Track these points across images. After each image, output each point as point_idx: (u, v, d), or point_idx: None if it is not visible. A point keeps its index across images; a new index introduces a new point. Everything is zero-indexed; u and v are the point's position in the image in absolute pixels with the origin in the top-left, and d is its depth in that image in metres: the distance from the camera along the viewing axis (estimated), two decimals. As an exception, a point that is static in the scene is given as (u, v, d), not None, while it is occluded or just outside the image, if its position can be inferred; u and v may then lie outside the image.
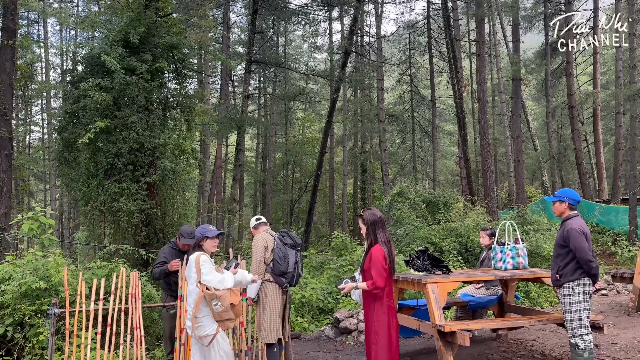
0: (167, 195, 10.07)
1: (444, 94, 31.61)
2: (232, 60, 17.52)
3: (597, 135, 22.81)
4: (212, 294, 4.13)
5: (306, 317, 8.09)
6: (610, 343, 6.22)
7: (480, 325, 5.48)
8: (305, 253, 12.23)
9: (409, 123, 26.87)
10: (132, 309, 5.01)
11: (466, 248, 11.19)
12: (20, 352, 5.80)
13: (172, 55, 10.34)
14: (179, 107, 10.71)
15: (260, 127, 28.35)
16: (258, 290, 5.09)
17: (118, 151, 9.08)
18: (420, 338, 6.93)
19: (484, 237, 6.60)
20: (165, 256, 5.69)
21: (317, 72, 22.23)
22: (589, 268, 4.56)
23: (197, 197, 22.93)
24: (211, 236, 4.39)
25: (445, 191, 16.80)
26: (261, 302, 5.04)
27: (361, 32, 23.81)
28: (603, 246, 15.31)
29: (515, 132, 17.97)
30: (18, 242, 10.39)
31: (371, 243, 4.44)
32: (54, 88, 16.35)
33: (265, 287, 5.02)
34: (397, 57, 29.14)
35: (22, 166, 21.77)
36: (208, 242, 4.40)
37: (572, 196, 4.84)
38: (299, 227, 24.08)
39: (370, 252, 4.40)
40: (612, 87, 24.35)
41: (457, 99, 18.54)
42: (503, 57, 29.25)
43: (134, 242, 9.23)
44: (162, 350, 6.33)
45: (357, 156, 27.16)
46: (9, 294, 5.89)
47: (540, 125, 32.48)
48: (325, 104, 28.57)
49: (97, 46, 9.86)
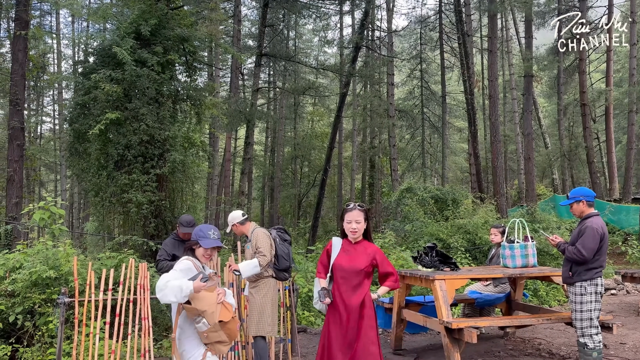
0: (177, 188, 10.12)
1: (454, 89, 31.41)
2: (243, 53, 17.51)
3: (609, 134, 22.56)
4: (192, 308, 3.16)
5: (313, 311, 8.11)
6: (619, 343, 6.17)
7: (488, 323, 5.45)
8: (312, 247, 12.25)
9: (419, 119, 26.74)
10: (141, 299, 5.03)
11: (474, 245, 11.14)
12: (30, 340, 5.87)
13: (183, 48, 10.36)
14: (189, 99, 10.74)
15: (270, 121, 28.34)
16: (257, 283, 4.98)
17: (128, 143, 9.13)
18: (427, 334, 6.92)
19: (496, 235, 6.55)
20: (168, 249, 5.68)
21: (327, 66, 22.17)
22: (580, 259, 4.53)
23: (205, 190, 23.02)
24: (204, 246, 3.40)
25: (454, 188, 16.73)
26: (263, 297, 4.95)
27: (372, 27, 23.71)
28: (613, 246, 15.16)
29: (526, 129, 17.84)
30: (29, 231, 10.50)
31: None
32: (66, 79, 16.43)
33: (267, 282, 4.99)
34: (407, 52, 28.98)
35: (34, 156, 21.99)
36: (200, 250, 3.43)
37: (586, 193, 4.79)
38: (306, 222, 24.10)
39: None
40: (625, 85, 24.01)
41: (468, 95, 18.40)
42: (515, 53, 29.01)
43: (143, 233, 9.29)
44: (169, 341, 6.37)
45: (366, 151, 27.10)
46: (20, 282, 5.95)
47: (552, 123, 32.20)
48: (334, 99, 28.49)
49: (108, 38, 9.90)
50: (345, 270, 3.77)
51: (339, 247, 3.88)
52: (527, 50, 18.99)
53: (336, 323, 3.75)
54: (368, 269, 3.79)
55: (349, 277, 3.76)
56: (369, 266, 3.79)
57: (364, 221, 3.80)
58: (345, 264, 3.78)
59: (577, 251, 4.55)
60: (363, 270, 3.76)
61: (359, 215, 3.78)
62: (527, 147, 17.66)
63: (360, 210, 3.80)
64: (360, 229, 3.79)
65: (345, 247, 3.86)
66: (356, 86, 27.11)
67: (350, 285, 3.77)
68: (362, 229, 3.81)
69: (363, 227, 3.81)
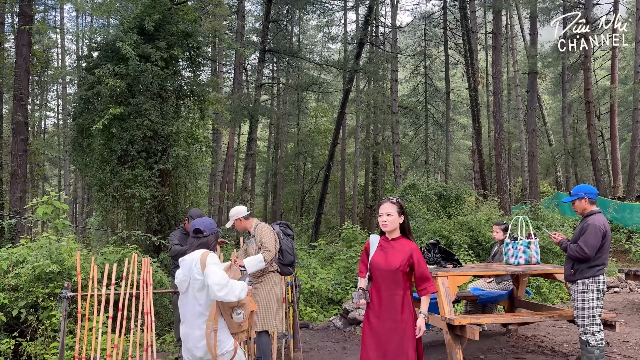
0: (180, 183, 10.13)
1: (458, 86, 31.32)
2: (246, 49, 17.50)
3: (613, 131, 22.46)
4: (235, 302, 3.36)
5: (315, 307, 8.12)
6: (621, 341, 6.16)
7: (490, 320, 5.45)
8: (315, 243, 12.27)
9: (422, 115, 26.68)
10: (143, 294, 5.05)
11: (477, 242, 11.12)
12: (33, 333, 5.90)
13: (187, 43, 10.35)
14: (193, 95, 10.74)
15: (273, 117, 28.35)
16: (262, 278, 4.99)
17: (132, 138, 9.14)
18: (428, 331, 6.92)
19: (498, 232, 6.54)
20: (178, 239, 5.74)
21: (331, 62, 22.10)
22: (582, 257, 4.52)
23: (209, 185, 23.06)
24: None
25: (458, 185, 16.69)
26: (269, 292, 4.95)
27: (376, 22, 23.63)
28: (617, 243, 15.14)
29: (530, 127, 17.77)
30: (32, 225, 10.54)
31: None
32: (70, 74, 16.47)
33: (272, 277, 5.00)
34: (412, 49, 28.90)
35: (37, 151, 22.05)
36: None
37: (589, 190, 4.77)
38: (309, 218, 24.11)
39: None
40: (630, 82, 23.90)
41: (472, 91, 18.35)
42: (520, 50, 28.86)
43: (146, 228, 9.31)
44: (172, 336, 6.40)
45: (369, 148, 27.06)
46: (23, 276, 5.98)
47: (556, 120, 32.07)
48: (338, 95, 28.45)
49: (112, 33, 9.90)
50: (382, 269, 3.58)
51: (376, 245, 3.71)
52: (532, 47, 18.91)
53: (371, 324, 3.61)
54: (404, 268, 3.54)
55: (386, 276, 3.57)
56: (405, 265, 3.54)
57: (397, 215, 3.60)
58: (382, 262, 3.60)
59: (579, 249, 4.54)
60: (399, 270, 3.53)
61: (390, 208, 3.59)
62: (531, 145, 17.60)
63: (392, 203, 3.61)
64: (390, 221, 3.58)
65: (383, 245, 3.68)
66: (360, 82, 27.06)
67: (387, 285, 3.58)
68: (393, 222, 3.59)
69: (395, 220, 3.60)
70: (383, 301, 3.57)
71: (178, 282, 3.38)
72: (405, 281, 3.58)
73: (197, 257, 3.33)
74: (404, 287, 3.57)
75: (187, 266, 3.34)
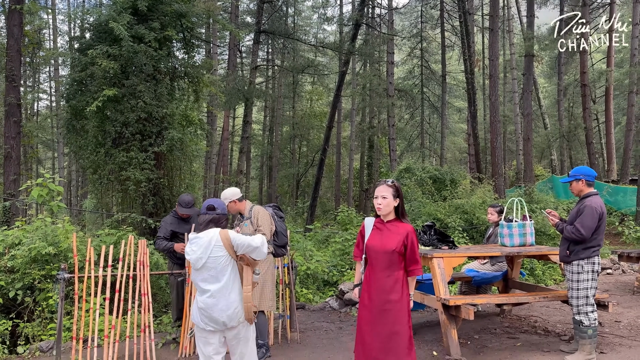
0: (175, 166, 10.10)
1: (454, 69, 31.17)
2: (241, 30, 17.27)
3: (608, 115, 22.50)
4: (255, 262, 3.50)
5: (311, 289, 8.18)
6: (614, 321, 6.25)
7: (485, 300, 5.51)
8: (310, 226, 12.30)
9: (418, 98, 26.59)
10: (140, 276, 5.06)
11: (472, 225, 11.19)
12: (30, 315, 5.92)
13: (181, 24, 10.20)
14: (187, 77, 10.63)
15: (268, 100, 28.17)
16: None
17: (126, 120, 9.06)
18: (424, 312, 6.99)
19: (493, 214, 6.58)
20: (167, 226, 5.69)
21: (327, 44, 21.94)
22: (579, 238, 4.57)
23: (204, 168, 22.99)
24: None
25: (453, 168, 16.73)
26: (264, 273, 4.96)
27: (372, 4, 23.34)
28: (610, 226, 15.27)
29: (525, 110, 17.74)
30: (27, 207, 10.50)
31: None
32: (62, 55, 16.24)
33: (267, 259, 5.03)
34: (408, 31, 28.66)
35: (31, 133, 21.86)
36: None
37: (587, 172, 4.78)
38: (304, 201, 24.15)
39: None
40: (626, 65, 23.85)
41: (468, 74, 18.27)
42: (516, 32, 28.72)
43: (141, 211, 9.30)
44: (169, 317, 6.43)
45: (365, 131, 27.01)
46: (19, 258, 5.97)
47: (551, 103, 32.10)
48: (333, 78, 28.27)
49: (105, 13, 9.74)
50: (377, 250, 3.57)
51: (371, 227, 3.70)
52: (529, 29, 18.76)
53: (366, 305, 3.62)
54: (400, 249, 3.52)
55: (381, 258, 3.55)
56: (400, 247, 3.51)
57: (392, 198, 3.56)
58: (377, 244, 3.58)
59: (575, 230, 4.57)
60: (395, 251, 3.50)
61: (385, 190, 3.56)
62: (526, 128, 17.60)
63: (388, 186, 3.57)
64: (385, 204, 3.55)
65: (378, 226, 3.67)
66: (356, 65, 26.87)
67: (381, 267, 3.55)
68: (387, 205, 3.56)
69: (389, 203, 3.56)
70: (379, 283, 3.57)
71: (194, 259, 3.35)
72: (400, 262, 3.57)
73: (215, 236, 3.36)
74: (399, 268, 3.57)
75: (204, 245, 3.33)
